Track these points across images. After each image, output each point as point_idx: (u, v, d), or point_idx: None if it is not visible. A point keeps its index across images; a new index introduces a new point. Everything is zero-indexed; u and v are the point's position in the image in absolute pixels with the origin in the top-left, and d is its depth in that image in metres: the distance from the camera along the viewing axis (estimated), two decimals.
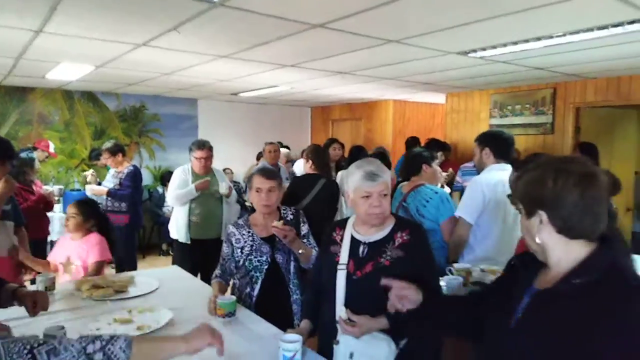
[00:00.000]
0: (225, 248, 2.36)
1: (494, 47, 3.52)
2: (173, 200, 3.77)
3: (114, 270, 4.26)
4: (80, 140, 6.51)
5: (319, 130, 8.86)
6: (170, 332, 1.83)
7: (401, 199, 2.95)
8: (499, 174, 2.63)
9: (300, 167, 4.94)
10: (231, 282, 2.41)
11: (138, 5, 2.55)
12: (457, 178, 4.82)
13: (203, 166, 3.78)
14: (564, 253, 1.10)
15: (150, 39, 3.31)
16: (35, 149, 5.11)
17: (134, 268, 4.45)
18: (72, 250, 2.72)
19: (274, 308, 2.18)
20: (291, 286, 2.29)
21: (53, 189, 5.03)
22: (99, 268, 2.69)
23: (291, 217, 2.38)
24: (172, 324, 1.91)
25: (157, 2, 2.49)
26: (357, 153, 4.75)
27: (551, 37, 3.18)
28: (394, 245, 1.70)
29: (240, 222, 2.39)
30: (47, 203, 4.24)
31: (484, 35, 3.21)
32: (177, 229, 3.77)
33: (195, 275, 3.17)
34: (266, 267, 2.25)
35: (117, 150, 4.66)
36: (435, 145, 5.39)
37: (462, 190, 3.73)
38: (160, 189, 6.70)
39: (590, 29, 2.95)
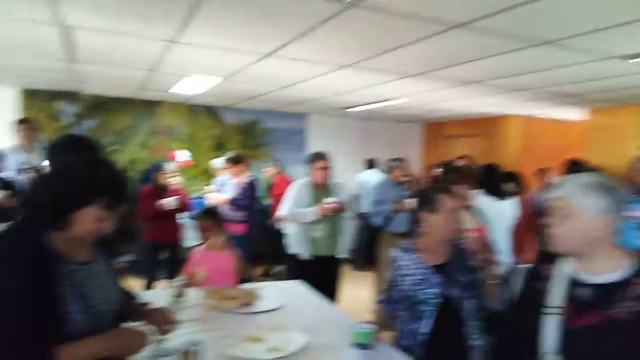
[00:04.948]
0: (390, 273, 2.06)
1: None
2: (288, 217, 3.67)
3: None
4: (201, 151, 6.83)
5: (431, 147, 8.42)
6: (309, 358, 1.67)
7: None
8: None
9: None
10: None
11: (273, 6, 2.47)
12: None
13: (326, 176, 3.64)
14: None
15: (280, 47, 3.26)
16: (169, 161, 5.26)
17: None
18: (212, 263, 2.80)
19: (445, 354, 1.86)
20: (468, 328, 1.89)
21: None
22: None
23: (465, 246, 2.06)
24: (307, 349, 1.74)
25: (291, 2, 2.40)
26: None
27: None
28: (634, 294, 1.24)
29: (406, 245, 2.05)
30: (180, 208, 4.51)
31: None
32: (299, 244, 3.64)
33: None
34: (436, 301, 1.87)
35: (239, 160, 4.87)
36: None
37: None
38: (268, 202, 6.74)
39: None
